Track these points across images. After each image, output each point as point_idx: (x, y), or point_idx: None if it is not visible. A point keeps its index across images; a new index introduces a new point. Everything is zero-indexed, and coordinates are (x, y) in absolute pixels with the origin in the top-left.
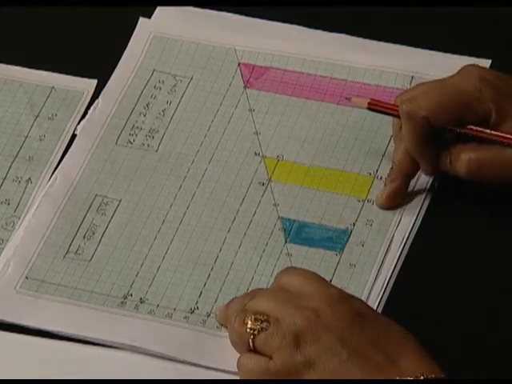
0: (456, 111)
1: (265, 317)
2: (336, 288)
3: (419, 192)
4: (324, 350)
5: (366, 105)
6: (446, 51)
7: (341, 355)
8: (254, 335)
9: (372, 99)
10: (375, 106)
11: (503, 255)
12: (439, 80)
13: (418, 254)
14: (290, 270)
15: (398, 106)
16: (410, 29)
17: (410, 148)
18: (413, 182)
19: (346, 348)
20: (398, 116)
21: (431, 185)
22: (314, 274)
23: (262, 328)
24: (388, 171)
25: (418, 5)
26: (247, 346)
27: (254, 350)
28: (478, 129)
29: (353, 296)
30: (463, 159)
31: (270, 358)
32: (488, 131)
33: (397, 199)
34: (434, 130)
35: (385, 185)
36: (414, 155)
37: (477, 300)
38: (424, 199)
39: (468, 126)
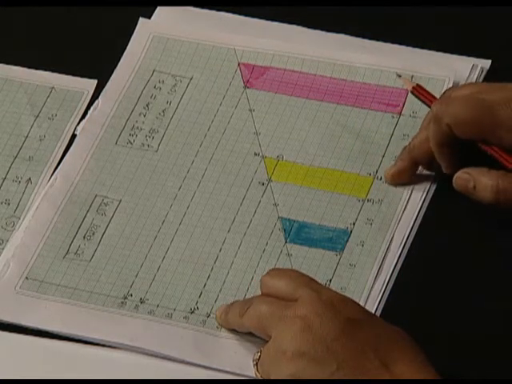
0: (481, 131)
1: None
2: (328, 292)
3: (419, 191)
4: (313, 363)
5: (411, 88)
6: (445, 51)
7: (330, 366)
8: (257, 363)
9: (418, 85)
10: (417, 93)
11: (505, 255)
12: (484, 87)
13: (418, 254)
14: (274, 272)
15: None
16: (410, 29)
17: (432, 145)
18: (412, 182)
19: (334, 358)
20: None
21: (431, 185)
22: (300, 274)
23: (259, 356)
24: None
25: (417, 5)
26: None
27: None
28: (498, 151)
29: (346, 300)
30: (489, 187)
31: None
32: (506, 157)
33: (401, 178)
34: (457, 138)
35: (395, 161)
36: (434, 152)
37: (478, 300)
38: (424, 199)
39: (491, 147)
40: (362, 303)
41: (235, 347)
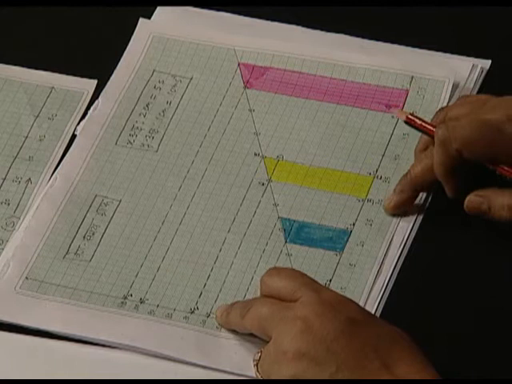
0: (489, 151)
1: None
2: (328, 292)
3: None
4: (313, 364)
5: (405, 118)
6: (445, 51)
7: (330, 367)
8: (257, 363)
9: (411, 114)
10: (412, 122)
11: (504, 254)
12: (478, 105)
13: (417, 254)
14: (274, 271)
15: (434, 127)
16: (410, 29)
17: (437, 172)
18: None
19: (334, 359)
20: (430, 136)
21: None
22: (300, 274)
23: (259, 356)
24: (399, 179)
25: (417, 5)
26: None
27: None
28: (508, 169)
29: (346, 300)
30: (505, 206)
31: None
32: None
33: (404, 208)
34: (465, 161)
35: (394, 191)
36: (440, 179)
37: (478, 300)
38: (424, 198)
39: (501, 166)
40: (361, 303)
41: (235, 347)
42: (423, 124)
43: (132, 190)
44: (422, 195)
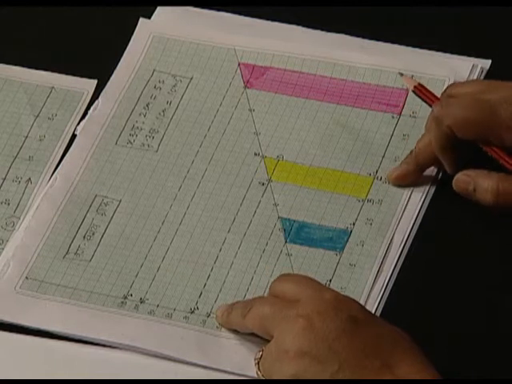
0: (481, 132)
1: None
2: (331, 292)
3: (419, 192)
4: (314, 363)
5: (412, 87)
6: (446, 51)
7: (332, 366)
8: (258, 362)
9: (419, 85)
10: (419, 92)
11: (503, 255)
12: (485, 86)
13: (418, 254)
14: (283, 277)
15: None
16: (410, 29)
17: (434, 147)
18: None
19: (336, 358)
20: None
21: (431, 185)
22: (307, 278)
23: (261, 355)
24: (389, 170)
25: (417, 5)
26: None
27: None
28: (499, 152)
29: (348, 300)
30: (489, 189)
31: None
32: (507, 158)
33: (405, 181)
34: (460, 139)
35: (400, 163)
36: (437, 154)
37: (477, 299)
38: (424, 199)
39: (492, 148)
40: (361, 303)
41: (236, 347)
42: (428, 95)
43: (132, 189)
44: (422, 195)
